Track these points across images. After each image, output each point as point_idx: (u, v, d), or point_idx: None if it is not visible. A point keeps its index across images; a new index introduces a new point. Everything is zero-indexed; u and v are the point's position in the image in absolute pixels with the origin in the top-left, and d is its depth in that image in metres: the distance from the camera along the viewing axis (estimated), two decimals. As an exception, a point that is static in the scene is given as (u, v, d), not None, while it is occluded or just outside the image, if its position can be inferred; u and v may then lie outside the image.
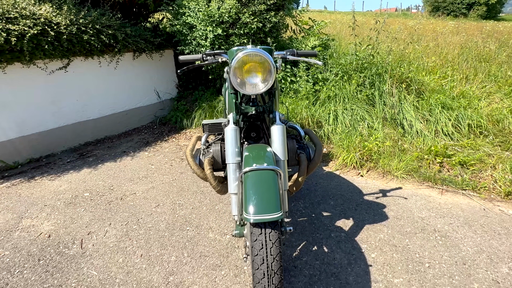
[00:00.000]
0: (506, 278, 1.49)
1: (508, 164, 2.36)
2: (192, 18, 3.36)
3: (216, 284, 1.54)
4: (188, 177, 2.71)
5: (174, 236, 1.92)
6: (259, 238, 0.99)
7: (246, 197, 1.03)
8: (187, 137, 3.72)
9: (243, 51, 1.21)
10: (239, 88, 1.27)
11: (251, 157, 1.19)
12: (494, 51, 4.72)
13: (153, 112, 4.33)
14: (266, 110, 1.42)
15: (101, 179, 2.73)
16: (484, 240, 1.76)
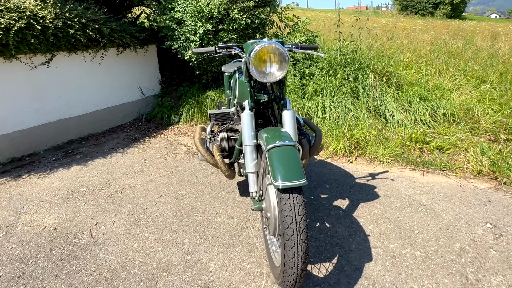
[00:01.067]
0: (481, 238, 1.82)
1: (478, 147, 2.76)
2: (181, 13, 3.50)
3: (232, 259, 1.73)
4: (185, 169, 2.86)
5: (183, 222, 2.08)
6: (288, 202, 1.21)
7: (274, 168, 1.24)
8: (176, 133, 3.84)
9: (261, 44, 1.42)
10: (258, 77, 1.47)
11: (270, 137, 1.40)
12: (461, 48, 5.29)
13: (136, 109, 4.39)
14: (276, 97, 1.64)
15: (95, 175, 2.80)
16: (462, 209, 2.09)
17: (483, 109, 3.21)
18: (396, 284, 1.51)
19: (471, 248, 1.74)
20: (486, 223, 1.94)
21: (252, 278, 1.60)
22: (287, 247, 1.19)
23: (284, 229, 1.19)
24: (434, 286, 1.49)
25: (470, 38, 6.48)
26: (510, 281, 1.51)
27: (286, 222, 1.19)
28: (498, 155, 2.61)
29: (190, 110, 4.02)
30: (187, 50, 3.71)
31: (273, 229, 1.42)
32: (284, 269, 1.25)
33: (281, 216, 1.21)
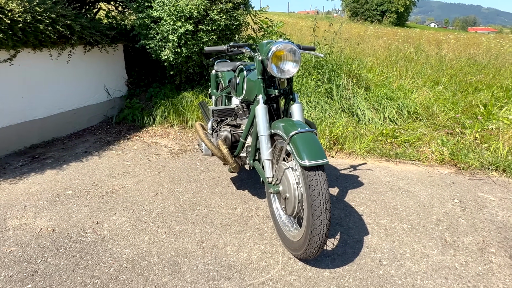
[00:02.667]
0: (451, 210, 2.31)
1: (439, 139, 3.36)
2: (158, 11, 3.68)
3: (246, 243, 1.98)
4: (174, 169, 3.02)
5: (188, 215, 2.28)
6: (314, 177, 1.51)
7: (300, 151, 1.54)
8: (151, 135, 3.95)
9: (278, 44, 1.72)
10: (276, 73, 1.77)
11: (289, 126, 1.71)
12: (414, 54, 6.16)
13: (103, 111, 4.40)
14: (286, 92, 1.95)
15: (77, 178, 2.84)
16: (433, 190, 2.60)
17: (439, 107, 3.88)
18: (392, 249, 1.90)
19: (445, 219, 2.21)
20: (453, 199, 2.46)
21: (269, 255, 1.87)
22: (315, 216, 1.50)
23: (312, 201, 1.50)
24: (422, 248, 1.91)
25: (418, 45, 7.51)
26: (477, 240, 1.99)
27: (314, 195, 1.50)
28: (455, 145, 3.23)
29: (165, 112, 4.16)
30: (163, 49, 3.87)
31: (292, 208, 1.72)
32: (310, 237, 1.55)
33: (308, 191, 1.51)
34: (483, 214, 2.27)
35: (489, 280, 1.67)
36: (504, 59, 6.77)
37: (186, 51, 3.84)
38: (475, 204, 2.41)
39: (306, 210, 1.57)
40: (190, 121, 4.07)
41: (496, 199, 2.47)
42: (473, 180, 2.79)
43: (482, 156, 3.04)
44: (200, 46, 3.86)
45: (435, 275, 1.71)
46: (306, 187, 1.53)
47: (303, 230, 1.63)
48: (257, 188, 2.65)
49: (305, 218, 1.59)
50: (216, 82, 3.16)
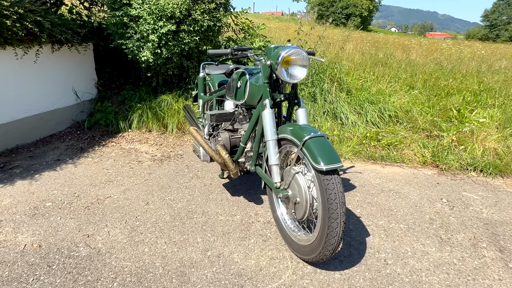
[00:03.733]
0: (441, 210, 2.52)
1: (420, 142, 3.64)
2: (137, 10, 3.62)
3: (251, 249, 2.03)
4: (161, 176, 2.99)
5: (186, 224, 2.28)
6: (331, 181, 1.60)
7: (315, 155, 1.62)
8: (128, 140, 3.87)
9: (288, 49, 1.80)
10: (285, 77, 1.85)
11: (299, 130, 1.79)
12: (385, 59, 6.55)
13: (71, 115, 4.23)
14: (290, 96, 2.04)
15: (54, 188, 2.72)
16: (421, 191, 2.82)
17: (417, 110, 4.19)
18: (394, 249, 2.05)
19: (437, 218, 2.41)
20: (441, 199, 2.69)
21: (278, 261, 1.93)
22: (332, 219, 1.60)
23: (329, 204, 1.59)
24: (421, 246, 2.08)
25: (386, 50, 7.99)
26: (469, 236, 2.20)
27: (331, 198, 1.59)
28: (435, 148, 3.51)
29: (143, 116, 4.08)
30: (142, 50, 3.81)
31: (303, 212, 1.80)
32: (326, 240, 1.64)
33: (325, 194, 1.60)
34: (469, 212, 2.51)
35: (485, 273, 1.87)
36: (465, 65, 7.41)
37: (166, 52, 3.82)
38: (461, 203, 2.65)
39: (321, 214, 1.66)
40: (170, 126, 4.03)
41: (478, 198, 2.73)
42: (455, 180, 3.06)
43: (461, 157, 3.34)
44: (181, 48, 3.85)
45: (438, 271, 1.87)
46: (322, 191, 1.62)
47: (317, 234, 1.72)
48: (252, 194, 2.71)
49: (320, 221, 1.68)
50: (203, 85, 3.18)
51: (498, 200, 2.70)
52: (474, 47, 12.59)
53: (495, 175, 3.14)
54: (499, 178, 3.11)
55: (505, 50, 12.98)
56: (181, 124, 4.09)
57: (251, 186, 2.84)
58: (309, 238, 1.80)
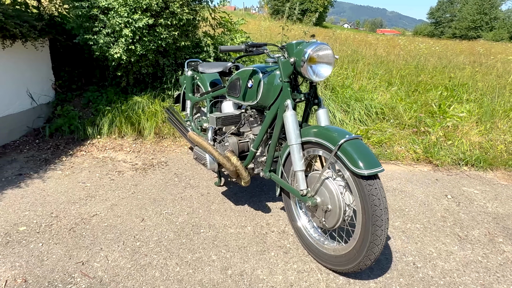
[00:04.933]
0: (449, 206, 2.62)
1: (409, 139, 3.77)
2: (107, 1, 3.34)
3: (275, 263, 1.94)
4: (150, 187, 2.78)
5: (194, 240, 2.12)
6: (374, 186, 1.56)
7: (355, 159, 1.57)
8: (100, 148, 3.57)
9: (314, 45, 1.73)
10: (311, 76, 1.77)
11: (329, 133, 1.73)
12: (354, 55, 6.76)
13: (26, 122, 3.82)
14: (310, 96, 1.97)
15: (24, 209, 2.41)
16: (424, 188, 2.91)
17: (402, 106, 4.35)
18: (419, 251, 2.07)
19: (448, 215, 2.50)
20: (446, 196, 2.79)
21: (306, 274, 1.86)
22: (376, 226, 1.56)
23: (373, 211, 1.55)
24: (443, 246, 2.13)
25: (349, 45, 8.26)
26: (483, 232, 2.30)
27: (375, 204, 1.55)
28: (426, 144, 3.66)
29: (114, 120, 3.79)
30: (112, 46, 3.53)
31: (336, 220, 1.74)
32: (368, 248, 1.59)
33: (368, 201, 1.56)
34: (475, 207, 2.63)
35: (511, 268, 1.95)
36: (426, 60, 7.88)
37: (141, 48, 3.57)
38: (464, 198, 2.77)
39: (361, 221, 1.61)
40: (147, 131, 3.78)
41: (478, 192, 2.88)
42: (451, 175, 3.20)
43: (452, 152, 3.51)
44: (158, 43, 3.63)
45: (467, 270, 1.92)
46: (364, 196, 1.58)
47: (355, 242, 1.67)
48: (256, 202, 2.61)
49: (360, 229, 1.63)
50: (192, 85, 3.01)
51: (497, 193, 2.87)
52: (426, 43, 13.51)
53: (485, 168, 3.34)
54: (489, 171, 3.32)
55: (453, 46, 14.08)
56: (159, 128, 3.86)
57: (252, 193, 2.73)
58: (345, 247, 1.75)
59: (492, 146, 3.64)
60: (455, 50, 12.21)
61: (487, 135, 3.85)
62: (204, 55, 4.10)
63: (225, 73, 2.65)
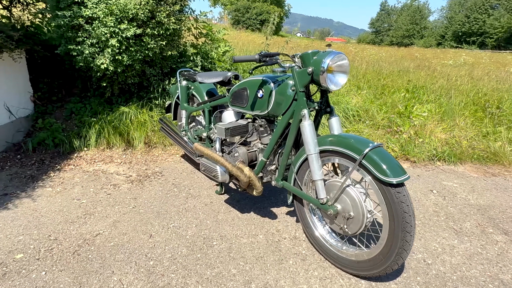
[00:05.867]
0: (437, 201, 2.61)
1: (385, 138, 3.78)
2: (91, 10, 3.00)
3: (295, 272, 1.79)
4: (151, 200, 2.52)
5: (209, 254, 1.92)
6: (402, 193, 1.46)
7: (382, 168, 1.46)
8: (89, 161, 3.21)
9: (333, 55, 1.60)
10: (330, 85, 1.64)
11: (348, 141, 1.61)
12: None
13: (5, 137, 3.36)
14: (322, 105, 1.84)
15: (17, 233, 2.06)
16: (410, 185, 2.89)
17: (374, 108, 4.37)
18: (425, 247, 2.02)
19: (438, 209, 2.49)
20: (431, 191, 2.79)
21: (329, 281, 1.73)
22: (406, 233, 1.46)
23: (403, 218, 1.45)
24: (444, 240, 2.09)
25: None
26: (474, 224, 2.30)
27: (405, 211, 1.45)
28: (403, 142, 3.69)
29: (102, 132, 3.43)
30: (97, 56, 3.19)
31: (358, 226, 1.63)
32: (398, 253, 1.50)
33: (397, 208, 1.46)
34: (459, 200, 2.65)
35: (508, 257, 1.95)
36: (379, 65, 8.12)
37: (128, 58, 3.26)
38: (447, 192, 2.79)
39: (389, 227, 1.51)
40: (136, 140, 3.47)
41: (457, 185, 2.92)
42: (429, 171, 3.24)
43: (425, 149, 3.56)
44: (145, 53, 3.34)
45: (473, 263, 1.89)
46: (393, 204, 1.48)
47: (381, 248, 1.57)
48: (261, 209, 2.44)
49: (387, 235, 1.53)
50: (187, 95, 2.78)
51: (472, 185, 2.93)
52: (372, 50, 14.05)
53: (456, 163, 3.42)
54: (459, 165, 3.40)
55: (395, 53, 14.72)
56: (149, 138, 3.56)
57: (255, 200, 2.57)
58: (369, 253, 1.65)
59: (456, 142, 3.75)
60: (397, 56, 12.74)
61: (450, 132, 3.96)
62: (191, 65, 3.84)
63: (224, 83, 2.46)
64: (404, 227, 1.46)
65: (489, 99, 5.12)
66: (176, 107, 3.10)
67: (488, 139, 3.78)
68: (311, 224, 1.94)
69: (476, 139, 3.78)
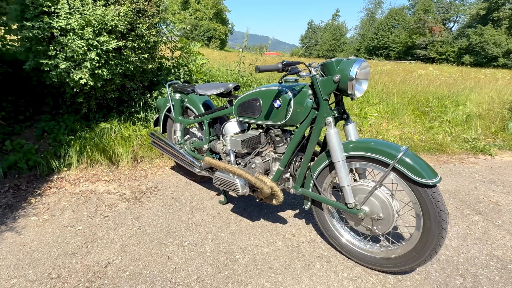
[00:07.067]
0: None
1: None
2: (64, 21, 2.50)
3: (326, 276, 1.62)
4: (154, 218, 2.16)
5: (236, 269, 1.66)
6: (437, 193, 1.38)
7: (417, 170, 1.36)
8: (72, 182, 2.70)
9: (359, 62, 1.46)
10: (356, 92, 1.49)
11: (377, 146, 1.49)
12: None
13: (-33, 163, 2.67)
14: (339, 111, 1.70)
15: (10, 276, 1.59)
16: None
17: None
18: (425, 234, 2.00)
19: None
20: (406, 181, 2.83)
21: (360, 280, 1.60)
22: (443, 230, 1.38)
23: (440, 217, 1.37)
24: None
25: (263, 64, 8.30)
26: (453, 207, 2.36)
27: (441, 210, 1.38)
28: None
29: (85, 149, 2.91)
30: (73, 71, 2.68)
31: (388, 226, 1.53)
32: (433, 249, 1.42)
33: (435, 207, 1.37)
34: (431, 187, 2.72)
35: (491, 234, 2.01)
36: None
37: (108, 72, 2.81)
38: (418, 181, 2.85)
39: (424, 225, 1.43)
40: (123, 156, 3.01)
41: (424, 174, 3.01)
42: (395, 163, 3.31)
43: (387, 145, 3.65)
44: (125, 67, 2.90)
45: (469, 243, 1.91)
46: (430, 203, 1.39)
47: (414, 244, 1.48)
48: (268, 214, 2.23)
49: (421, 232, 1.44)
50: (181, 108, 2.45)
51: (435, 173, 3.04)
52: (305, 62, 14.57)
53: (413, 154, 3.56)
54: (416, 156, 3.54)
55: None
56: (134, 153, 3.12)
57: (260, 206, 2.35)
58: (400, 250, 1.55)
59: (408, 137, 3.93)
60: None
61: (401, 129, 4.15)
62: (171, 77, 3.46)
63: (224, 94, 2.20)
64: (441, 224, 1.39)
65: (418, 100, 5.52)
66: (165, 121, 2.74)
67: (431, 132, 4.02)
68: (332, 227, 1.79)
69: (423, 133, 4.00)
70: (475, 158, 3.52)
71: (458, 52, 34.55)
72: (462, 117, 4.61)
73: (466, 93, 6.10)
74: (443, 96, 5.79)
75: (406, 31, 41.24)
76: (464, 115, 4.65)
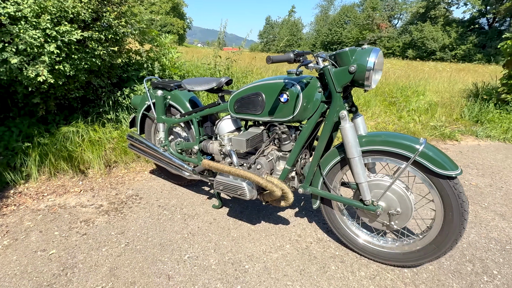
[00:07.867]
0: (400, 179, 2.68)
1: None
2: (13, 6, 2.08)
3: (345, 277, 1.52)
4: (142, 231, 1.89)
5: (249, 281, 1.49)
6: (459, 183, 1.33)
7: (439, 162, 1.29)
8: (34, 196, 2.30)
9: (376, 52, 1.34)
10: (372, 83, 1.38)
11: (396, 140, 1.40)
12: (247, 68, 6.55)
13: None
14: (348, 104, 1.58)
15: (-32, 326, 1.25)
16: (372, 168, 2.92)
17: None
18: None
19: (408, 186, 2.54)
20: (392, 171, 2.86)
21: (379, 278, 1.52)
22: (464, 220, 1.34)
23: (462, 207, 1.33)
24: (432, 213, 2.12)
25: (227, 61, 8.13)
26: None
27: (463, 200, 1.33)
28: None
29: (45, 160, 2.49)
30: (27, 67, 2.26)
31: (407, 219, 1.47)
32: (455, 240, 1.38)
33: (458, 199, 1.33)
34: (416, 175, 2.77)
35: (482, 216, 2.08)
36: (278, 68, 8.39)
37: (70, 68, 2.42)
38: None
39: (445, 217, 1.38)
40: (94, 162, 2.64)
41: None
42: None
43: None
44: (91, 61, 2.53)
45: (467, 229, 1.94)
46: (452, 195, 1.34)
47: (434, 237, 1.43)
48: (268, 216, 2.08)
49: (442, 224, 1.40)
50: (164, 105, 2.18)
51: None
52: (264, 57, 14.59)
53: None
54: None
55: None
56: (108, 158, 2.75)
57: (258, 208, 2.19)
58: (419, 244, 1.49)
59: (383, 127, 4.02)
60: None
61: (375, 119, 4.24)
62: (144, 73, 3.11)
63: (215, 90, 1.98)
64: (463, 214, 1.35)
65: (384, 91, 5.73)
66: (143, 120, 2.44)
67: (403, 121, 4.17)
68: (344, 225, 1.69)
69: (396, 122, 4.13)
70: (445, 144, 3.71)
71: (403, 47, 37.16)
72: (425, 106, 4.86)
73: (423, 84, 6.48)
74: (405, 87, 6.09)
75: (357, 27, 43.29)
76: (426, 104, 4.91)
